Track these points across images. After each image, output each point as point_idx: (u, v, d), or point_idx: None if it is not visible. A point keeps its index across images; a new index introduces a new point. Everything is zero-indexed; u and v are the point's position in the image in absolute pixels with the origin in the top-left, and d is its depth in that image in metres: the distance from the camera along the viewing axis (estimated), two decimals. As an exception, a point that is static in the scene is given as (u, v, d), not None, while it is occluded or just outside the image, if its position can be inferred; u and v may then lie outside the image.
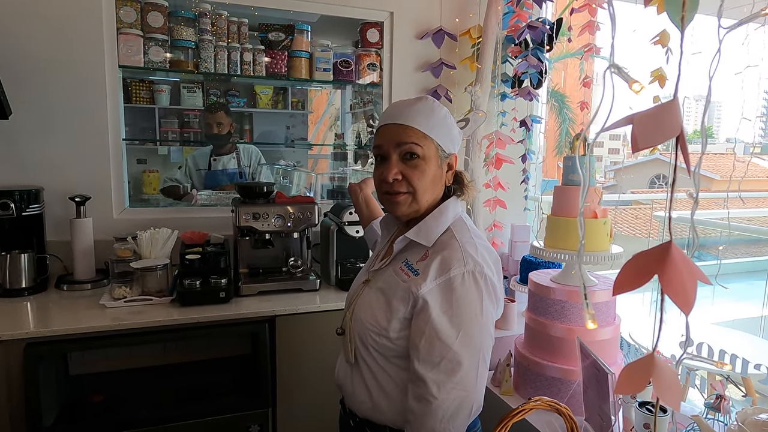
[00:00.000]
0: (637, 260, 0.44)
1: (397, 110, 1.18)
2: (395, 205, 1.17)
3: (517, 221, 2.66)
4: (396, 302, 1.13)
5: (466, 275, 1.09)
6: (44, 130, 2.10)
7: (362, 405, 1.20)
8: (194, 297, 1.84)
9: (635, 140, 0.42)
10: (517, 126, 2.55)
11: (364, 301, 1.21)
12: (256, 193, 2.05)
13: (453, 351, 1.06)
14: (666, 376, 0.44)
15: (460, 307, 1.08)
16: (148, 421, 1.76)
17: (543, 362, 1.71)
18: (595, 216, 1.72)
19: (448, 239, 1.15)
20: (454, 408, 1.06)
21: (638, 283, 0.44)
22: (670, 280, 0.41)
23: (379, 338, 1.14)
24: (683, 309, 0.41)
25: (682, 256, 0.42)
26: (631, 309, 2.66)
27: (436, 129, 1.16)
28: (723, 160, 18.62)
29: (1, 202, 1.89)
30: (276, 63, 2.48)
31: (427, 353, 1.06)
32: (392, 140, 1.15)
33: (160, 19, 2.25)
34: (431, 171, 1.16)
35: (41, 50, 2.07)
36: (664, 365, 0.44)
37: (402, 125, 1.14)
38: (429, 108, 1.17)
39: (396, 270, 1.18)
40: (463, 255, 1.10)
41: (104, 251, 2.09)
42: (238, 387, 1.98)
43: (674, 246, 0.42)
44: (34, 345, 1.60)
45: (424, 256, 1.15)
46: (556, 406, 0.64)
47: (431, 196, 1.19)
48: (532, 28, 2.23)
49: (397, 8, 2.56)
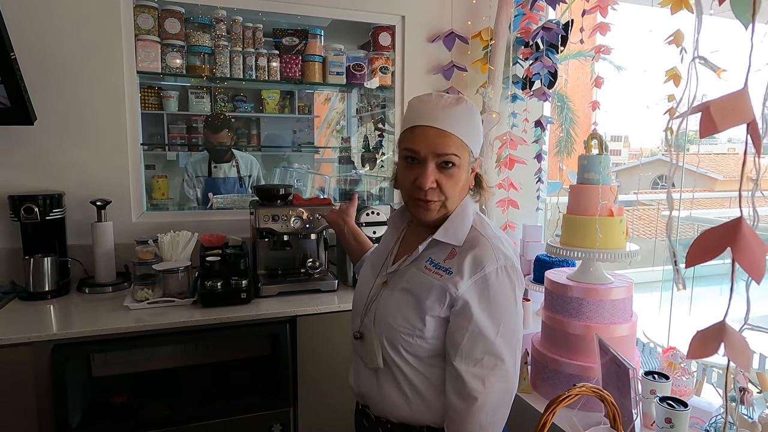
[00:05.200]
0: (707, 235, 0.48)
1: (434, 111, 1.12)
2: (426, 212, 1.15)
3: (528, 221, 2.68)
4: (430, 302, 1.12)
5: (500, 270, 1.10)
6: (65, 135, 2.14)
7: (398, 410, 1.18)
8: (216, 298, 1.87)
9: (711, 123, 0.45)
10: (528, 126, 2.58)
11: (388, 303, 1.18)
12: (274, 195, 2.08)
13: (495, 346, 1.08)
14: (736, 340, 0.47)
15: (498, 303, 1.09)
16: (172, 422, 1.78)
17: (561, 359, 1.73)
18: (611, 214, 1.75)
19: (475, 236, 1.15)
20: (498, 400, 1.08)
21: (711, 255, 0.47)
22: (742, 252, 0.44)
23: (413, 339, 1.13)
24: (755, 277, 0.45)
25: (751, 230, 0.45)
26: (645, 308, 2.68)
27: (471, 135, 1.14)
28: (726, 160, 18.68)
29: (26, 207, 1.92)
30: (290, 67, 2.51)
31: (470, 350, 1.08)
32: (432, 148, 1.10)
33: (177, 25, 2.28)
34: (463, 178, 1.15)
35: (63, 58, 2.10)
36: (733, 331, 0.48)
37: (442, 131, 1.10)
38: (469, 113, 1.14)
39: (421, 269, 1.17)
40: (493, 251, 1.12)
41: (124, 254, 2.13)
42: (259, 387, 2.00)
43: (744, 221, 0.46)
44: (61, 346, 1.63)
45: (452, 254, 1.14)
46: (600, 392, 0.67)
47: (459, 201, 1.18)
48: (547, 29, 2.26)
49: (408, 12, 2.60)
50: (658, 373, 1.54)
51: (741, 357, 0.48)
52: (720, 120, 0.44)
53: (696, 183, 2.98)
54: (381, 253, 1.32)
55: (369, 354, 1.20)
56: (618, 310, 1.71)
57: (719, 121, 0.44)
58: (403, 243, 1.28)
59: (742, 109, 0.44)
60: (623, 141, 26.17)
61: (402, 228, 1.32)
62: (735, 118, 0.44)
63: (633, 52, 15.55)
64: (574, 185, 1.83)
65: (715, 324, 0.50)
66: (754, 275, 0.45)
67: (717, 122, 0.44)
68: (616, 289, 1.70)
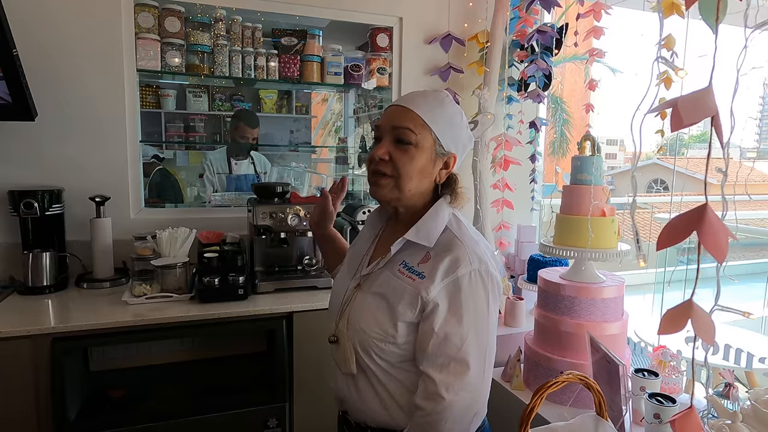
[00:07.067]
0: (677, 221, 0.52)
1: (406, 96, 1.16)
2: (376, 188, 1.14)
3: (523, 222, 2.72)
4: (402, 307, 1.09)
5: (473, 274, 1.07)
6: (66, 131, 2.15)
7: (376, 415, 1.15)
8: (213, 294, 1.89)
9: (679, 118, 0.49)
10: (523, 128, 2.61)
11: (360, 307, 1.15)
12: (272, 193, 2.11)
13: (462, 352, 1.05)
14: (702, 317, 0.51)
15: (468, 308, 1.07)
16: (168, 416, 1.80)
17: (553, 357, 1.76)
18: (603, 214, 1.78)
19: (450, 238, 1.12)
20: (462, 410, 1.06)
21: (680, 238, 0.51)
22: (707, 235, 0.48)
23: (385, 345, 1.10)
24: (718, 258, 0.49)
25: (715, 216, 0.49)
26: (637, 310, 2.72)
27: (438, 122, 1.12)
28: (719, 164, 18.82)
29: (26, 202, 1.94)
30: (289, 67, 2.54)
31: (435, 355, 1.05)
32: (390, 121, 1.12)
33: (177, 24, 2.30)
34: (421, 161, 1.12)
35: (64, 55, 2.12)
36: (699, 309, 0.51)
37: (404, 108, 1.12)
38: (438, 101, 1.14)
39: (394, 272, 1.13)
40: (468, 254, 1.09)
41: (122, 250, 2.15)
42: (256, 382, 2.03)
43: (709, 208, 0.49)
44: (60, 340, 1.64)
45: (426, 257, 1.11)
46: (586, 380, 0.70)
47: (415, 187, 1.13)
48: (541, 32, 2.29)
49: (406, 14, 2.63)
50: (648, 371, 1.57)
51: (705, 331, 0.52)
52: (686, 115, 0.48)
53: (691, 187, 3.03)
54: (357, 254, 1.28)
55: (343, 359, 1.16)
56: (609, 308, 1.74)
57: (686, 116, 0.48)
58: (379, 244, 1.25)
59: (706, 105, 0.48)
60: (619, 145, 26.34)
61: (379, 228, 1.29)
62: (700, 112, 0.48)
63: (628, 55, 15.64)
64: (567, 185, 1.86)
65: (683, 302, 0.53)
66: (717, 256, 0.49)
67: (684, 117, 0.48)
68: (608, 288, 1.74)
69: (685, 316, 0.51)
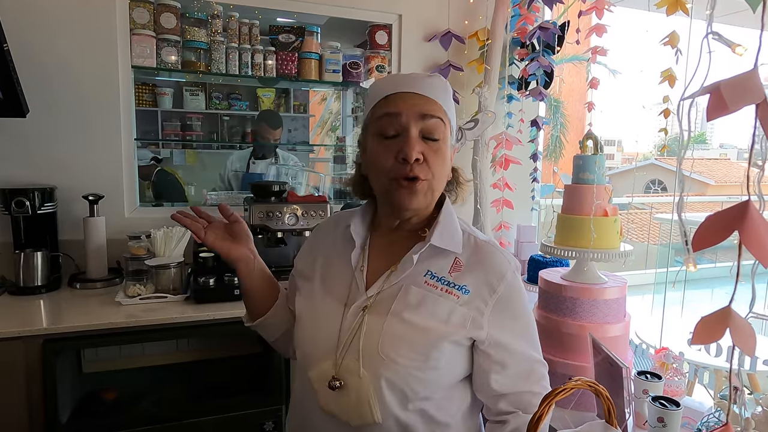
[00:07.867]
0: (715, 218, 0.48)
1: (410, 80, 0.96)
2: (412, 195, 0.94)
3: (523, 221, 2.69)
4: (450, 327, 0.94)
5: (516, 273, 1.00)
6: (59, 129, 2.12)
7: None
8: (208, 294, 1.86)
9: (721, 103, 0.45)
10: (523, 127, 2.58)
11: (383, 332, 0.93)
12: (269, 192, 2.07)
13: (536, 354, 1.01)
14: (741, 326, 0.47)
15: (522, 308, 1.00)
16: (162, 419, 1.76)
17: (555, 359, 1.73)
18: (606, 214, 1.75)
19: (473, 240, 1.02)
20: None
21: (719, 238, 0.47)
22: (749, 234, 0.44)
23: (425, 373, 0.92)
24: (762, 261, 0.45)
25: (759, 213, 0.46)
26: (637, 310, 2.70)
27: (451, 114, 1.00)
28: (717, 165, 18.89)
29: (17, 200, 1.90)
30: (286, 64, 2.51)
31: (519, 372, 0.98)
32: (414, 110, 0.93)
33: (173, 20, 2.27)
34: (448, 160, 0.98)
35: (57, 51, 2.09)
36: (738, 316, 0.48)
37: (424, 96, 0.94)
38: (445, 87, 1.00)
39: (421, 285, 0.97)
40: (504, 255, 1.01)
41: (116, 250, 2.11)
42: (252, 385, 1.99)
43: (752, 204, 0.46)
44: (52, 341, 1.61)
45: (456, 264, 0.98)
46: (595, 386, 0.67)
47: (441, 190, 1.00)
48: (543, 29, 2.26)
49: (405, 11, 2.60)
50: (650, 373, 1.54)
51: (746, 342, 0.49)
52: (731, 100, 0.44)
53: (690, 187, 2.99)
54: (337, 274, 1.05)
55: (356, 408, 0.93)
56: (611, 309, 1.71)
57: (730, 100, 0.44)
58: (373, 258, 1.04)
59: (753, 88, 0.45)
60: (617, 145, 26.37)
61: (364, 239, 1.05)
62: (747, 97, 0.44)
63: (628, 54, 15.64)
64: (569, 185, 1.83)
65: (720, 309, 0.50)
66: (761, 259, 0.45)
67: (728, 102, 0.44)
68: (610, 288, 1.71)
69: (723, 325, 0.48)
